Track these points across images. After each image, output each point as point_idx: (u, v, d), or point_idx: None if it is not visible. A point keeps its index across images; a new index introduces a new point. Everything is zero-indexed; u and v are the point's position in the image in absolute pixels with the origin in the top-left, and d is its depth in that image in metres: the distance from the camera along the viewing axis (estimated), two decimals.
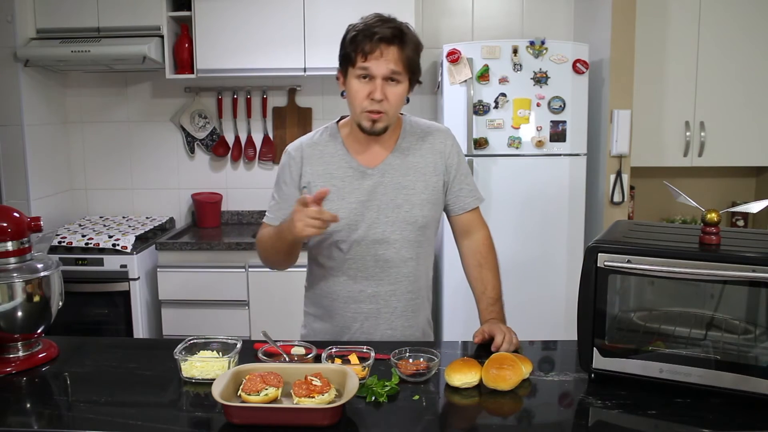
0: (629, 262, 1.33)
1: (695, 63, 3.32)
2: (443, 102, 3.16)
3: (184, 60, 3.36)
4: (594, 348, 1.38)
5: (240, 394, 1.26)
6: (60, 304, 1.59)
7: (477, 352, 1.58)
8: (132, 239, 3.17)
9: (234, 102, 3.69)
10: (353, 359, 1.44)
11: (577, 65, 3.11)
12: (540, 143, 3.14)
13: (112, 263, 3.13)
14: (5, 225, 1.49)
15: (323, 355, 1.45)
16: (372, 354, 1.43)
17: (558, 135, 3.14)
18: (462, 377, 1.36)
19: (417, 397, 1.33)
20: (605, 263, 1.35)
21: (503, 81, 3.11)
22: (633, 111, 3.19)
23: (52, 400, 1.36)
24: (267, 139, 3.71)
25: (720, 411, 1.25)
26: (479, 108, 3.13)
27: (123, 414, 1.27)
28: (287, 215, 1.64)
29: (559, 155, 3.16)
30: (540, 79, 3.11)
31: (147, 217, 3.67)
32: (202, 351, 1.47)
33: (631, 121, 3.17)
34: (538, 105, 3.13)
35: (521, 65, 3.11)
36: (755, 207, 1.39)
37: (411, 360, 1.47)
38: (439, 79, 3.26)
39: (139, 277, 3.17)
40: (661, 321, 1.41)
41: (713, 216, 1.33)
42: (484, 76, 3.11)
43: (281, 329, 1.88)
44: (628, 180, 3.24)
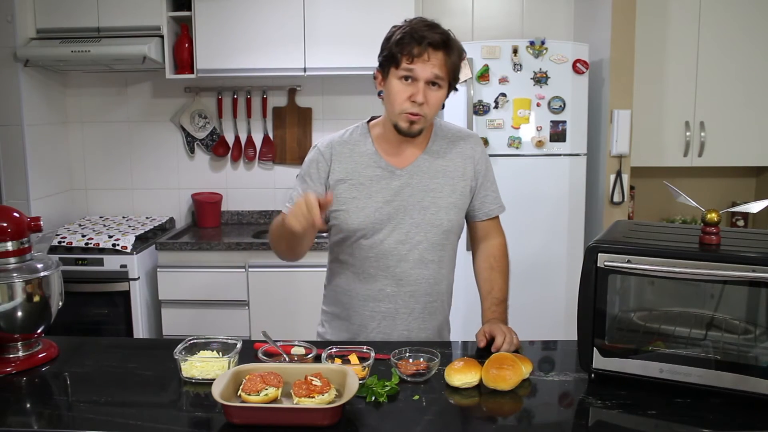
0: (629, 262, 1.33)
1: (695, 63, 3.32)
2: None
3: (184, 60, 3.36)
4: (594, 348, 1.38)
5: (240, 394, 1.26)
6: (60, 304, 1.59)
7: (477, 352, 1.58)
8: (132, 239, 3.17)
9: (234, 102, 3.69)
10: (353, 359, 1.44)
11: (577, 65, 3.11)
12: (540, 143, 3.14)
13: (112, 263, 3.13)
14: (5, 225, 1.49)
15: (323, 355, 1.45)
16: (372, 354, 1.43)
17: (558, 135, 3.14)
18: (462, 377, 1.36)
19: (417, 397, 1.33)
20: (605, 263, 1.35)
21: (503, 81, 3.11)
22: (633, 111, 3.19)
23: (52, 400, 1.36)
24: (267, 139, 3.71)
25: (720, 411, 1.25)
26: (479, 108, 3.13)
27: (123, 414, 1.27)
28: None
29: (559, 155, 3.16)
30: (540, 79, 3.11)
31: (147, 217, 3.67)
32: (202, 351, 1.47)
33: (631, 121, 3.17)
34: (538, 105, 3.13)
35: (521, 65, 3.11)
36: (755, 207, 1.39)
37: (411, 360, 1.47)
38: None
39: (139, 277, 3.17)
40: (661, 321, 1.41)
41: (713, 216, 1.33)
42: (484, 76, 3.11)
43: (281, 329, 1.89)
44: (628, 180, 3.24)
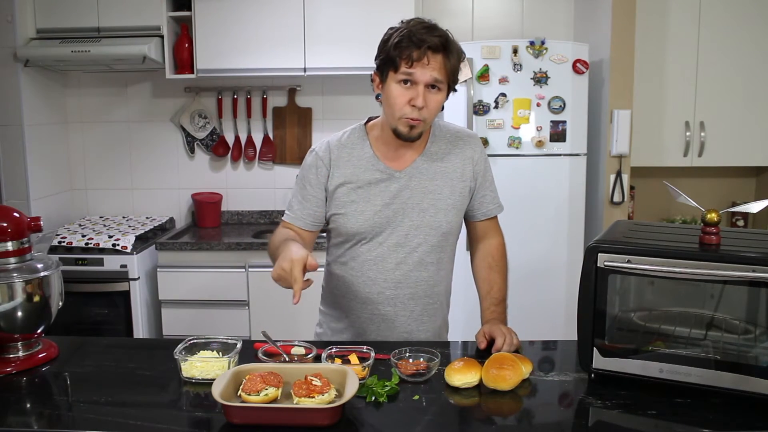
0: (629, 262, 1.33)
1: (695, 63, 3.32)
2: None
3: (184, 60, 3.36)
4: (594, 348, 1.38)
5: (240, 394, 1.26)
6: (60, 304, 1.59)
7: (477, 352, 1.58)
8: (132, 239, 3.17)
9: (234, 102, 3.69)
10: (353, 359, 1.44)
11: (577, 65, 3.11)
12: (540, 143, 3.14)
13: (112, 263, 3.13)
14: (5, 225, 1.49)
15: (323, 355, 1.45)
16: (372, 354, 1.43)
17: (558, 135, 3.14)
18: (462, 377, 1.36)
19: (417, 397, 1.33)
20: (605, 263, 1.35)
21: (503, 81, 3.11)
22: (633, 111, 3.19)
23: (52, 400, 1.36)
24: (267, 139, 3.71)
25: (720, 411, 1.25)
26: (479, 108, 3.13)
27: (123, 414, 1.27)
28: (310, 215, 1.67)
29: (559, 155, 3.16)
30: (540, 79, 3.11)
31: (147, 217, 3.67)
32: (202, 351, 1.47)
33: (631, 121, 3.17)
34: (538, 105, 3.13)
35: (521, 65, 3.11)
36: (755, 207, 1.39)
37: (411, 360, 1.47)
38: None
39: (139, 277, 3.17)
40: (661, 321, 1.41)
41: (713, 216, 1.33)
42: (484, 76, 3.11)
43: (281, 329, 1.89)
44: (628, 180, 3.24)
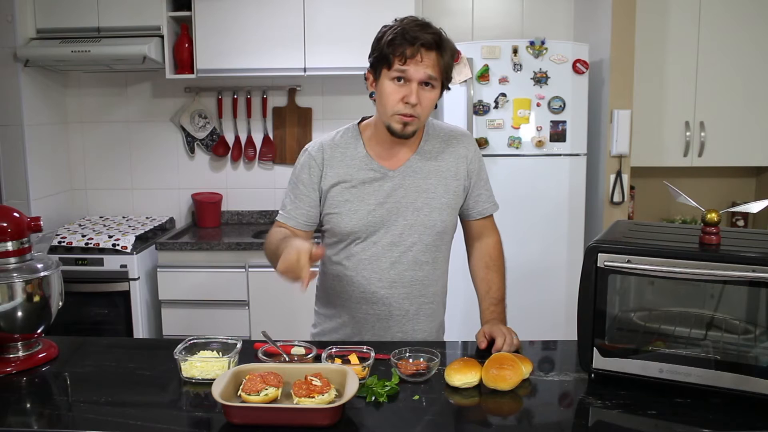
0: (629, 262, 1.33)
1: (695, 63, 3.32)
2: (443, 102, 3.16)
3: (184, 60, 3.36)
4: (594, 348, 1.38)
5: (240, 394, 1.26)
6: (60, 304, 1.59)
7: (477, 352, 1.58)
8: (132, 239, 3.17)
9: (234, 102, 3.69)
10: (353, 359, 1.44)
11: (577, 65, 3.11)
12: (540, 143, 3.14)
13: (112, 263, 3.13)
14: (5, 225, 1.49)
15: (323, 355, 1.45)
16: (372, 354, 1.43)
17: (558, 135, 3.14)
18: (462, 377, 1.36)
19: (417, 397, 1.33)
20: (605, 263, 1.35)
21: (503, 81, 3.11)
22: (633, 111, 3.19)
23: (52, 400, 1.36)
24: (267, 139, 3.71)
25: (720, 411, 1.25)
26: (479, 108, 3.13)
27: (123, 414, 1.27)
28: (303, 214, 1.67)
29: (559, 155, 3.16)
30: (540, 79, 3.11)
31: (147, 217, 3.67)
32: (202, 351, 1.47)
33: (631, 121, 3.17)
34: (538, 105, 3.13)
35: (521, 65, 3.11)
36: (755, 207, 1.39)
37: (411, 360, 1.47)
38: None
39: (139, 277, 3.17)
40: (661, 321, 1.41)
41: (713, 216, 1.33)
42: (484, 76, 3.11)
43: (281, 329, 1.88)
44: (628, 180, 3.24)
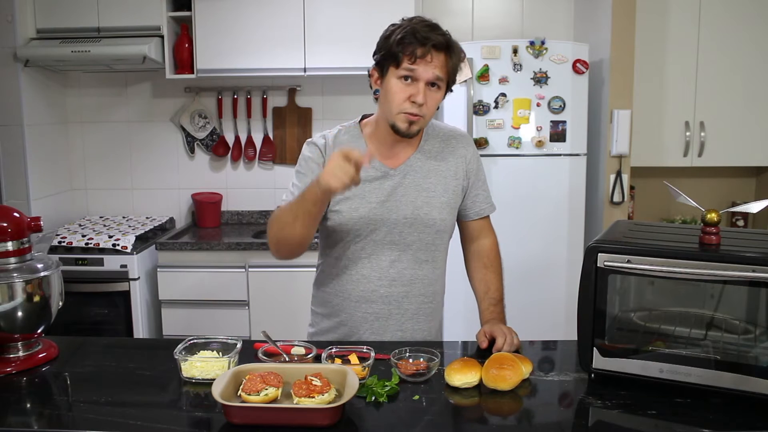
0: (629, 262, 1.33)
1: (695, 63, 3.32)
2: (443, 102, 3.14)
3: (184, 60, 3.36)
4: (594, 348, 1.38)
5: (240, 394, 1.26)
6: (60, 304, 1.59)
7: (477, 352, 1.58)
8: (132, 239, 3.17)
9: (234, 102, 3.69)
10: (353, 359, 1.44)
11: (577, 65, 3.11)
12: (540, 143, 3.14)
13: (112, 263, 3.13)
14: (5, 225, 1.49)
15: (323, 355, 1.45)
16: (372, 354, 1.43)
17: (558, 135, 3.14)
18: (462, 377, 1.36)
19: (417, 397, 1.33)
20: (605, 263, 1.35)
21: (503, 81, 3.11)
22: (633, 111, 3.19)
23: (52, 400, 1.36)
24: (267, 139, 3.71)
25: (720, 411, 1.25)
26: (479, 108, 3.13)
27: (123, 414, 1.27)
28: None
29: (559, 155, 3.16)
30: (540, 79, 3.11)
31: (147, 217, 3.67)
32: (202, 351, 1.47)
33: (631, 121, 3.17)
34: (538, 105, 3.13)
35: (521, 65, 3.11)
36: (755, 207, 1.39)
37: (411, 360, 1.47)
38: None
39: (139, 277, 3.17)
40: (661, 321, 1.41)
41: (713, 216, 1.33)
42: (484, 76, 3.11)
43: (281, 329, 1.88)
44: (628, 180, 3.24)
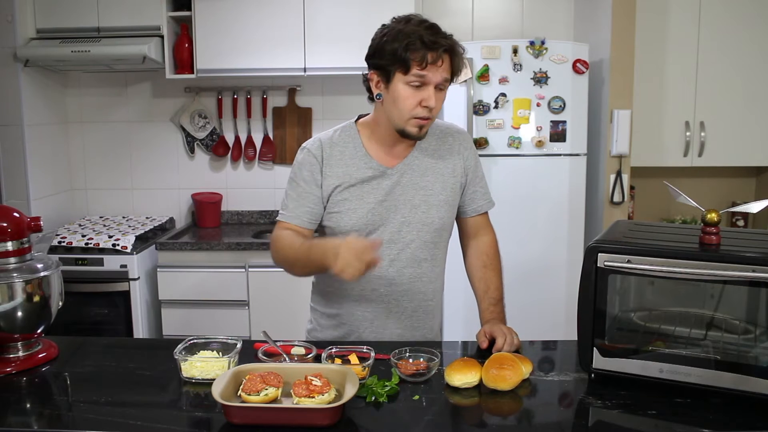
0: (629, 262, 1.33)
1: (695, 63, 3.32)
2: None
3: (184, 60, 3.36)
4: (594, 348, 1.38)
5: (240, 394, 1.26)
6: (60, 304, 1.59)
7: (477, 351, 1.58)
8: (132, 239, 3.17)
9: (234, 102, 3.69)
10: (353, 359, 1.44)
11: (577, 65, 3.11)
12: (540, 143, 3.14)
13: (112, 263, 3.13)
14: (5, 225, 1.49)
15: (323, 355, 1.45)
16: (372, 354, 1.43)
17: (558, 135, 3.14)
18: (462, 377, 1.36)
19: (417, 397, 1.33)
20: (605, 263, 1.35)
21: (503, 81, 3.11)
22: (633, 111, 3.19)
23: (52, 400, 1.36)
24: (267, 139, 3.71)
25: (720, 411, 1.25)
26: (479, 108, 3.13)
27: (123, 414, 1.27)
28: (307, 212, 1.64)
29: (559, 155, 3.16)
30: (540, 79, 3.11)
31: (147, 217, 3.67)
32: (202, 351, 1.47)
33: (631, 121, 3.17)
34: (538, 105, 3.13)
35: (521, 65, 3.11)
36: (755, 207, 1.39)
37: (411, 360, 1.47)
38: None
39: (139, 277, 3.17)
40: (661, 321, 1.41)
41: (713, 216, 1.33)
42: (484, 76, 3.11)
43: (281, 329, 1.88)
44: (628, 180, 3.24)
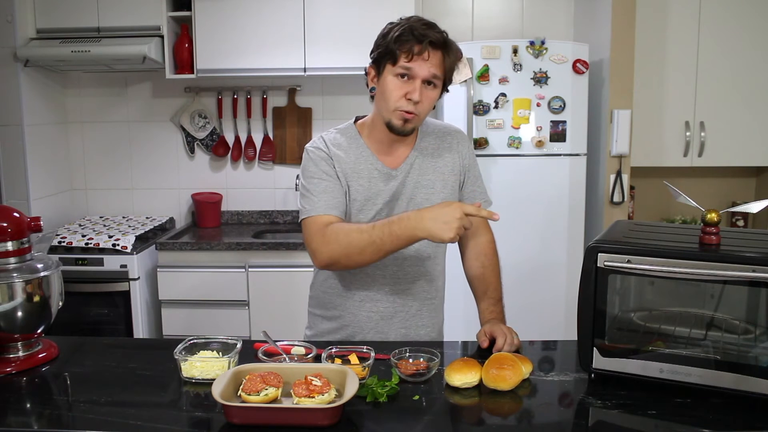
0: (629, 262, 1.33)
1: (695, 63, 3.32)
2: (443, 102, 3.16)
3: (184, 60, 3.36)
4: (594, 348, 1.38)
5: (240, 394, 1.26)
6: (60, 304, 1.59)
7: (477, 351, 1.58)
8: (132, 239, 3.17)
9: (234, 102, 3.69)
10: (353, 359, 1.44)
11: (577, 65, 3.11)
12: (540, 143, 3.14)
13: (112, 263, 3.13)
14: (5, 225, 1.49)
15: (323, 355, 1.45)
16: (372, 354, 1.43)
17: (558, 135, 3.14)
18: (462, 377, 1.36)
19: (417, 397, 1.33)
20: (605, 263, 1.35)
21: (503, 81, 3.11)
22: (633, 111, 3.19)
23: (52, 400, 1.36)
24: (267, 139, 3.71)
25: (720, 411, 1.25)
26: (479, 108, 3.13)
27: (123, 414, 1.27)
28: (341, 203, 1.61)
29: (559, 155, 3.16)
30: (540, 79, 3.11)
31: (147, 217, 3.67)
32: (202, 351, 1.47)
33: (631, 121, 3.18)
34: (538, 105, 3.13)
35: (521, 65, 3.11)
36: (755, 207, 1.39)
37: (411, 360, 1.47)
38: None
39: (139, 277, 3.17)
40: (661, 321, 1.41)
41: (713, 216, 1.33)
42: (484, 76, 3.11)
43: (281, 329, 1.88)
44: (628, 180, 3.24)
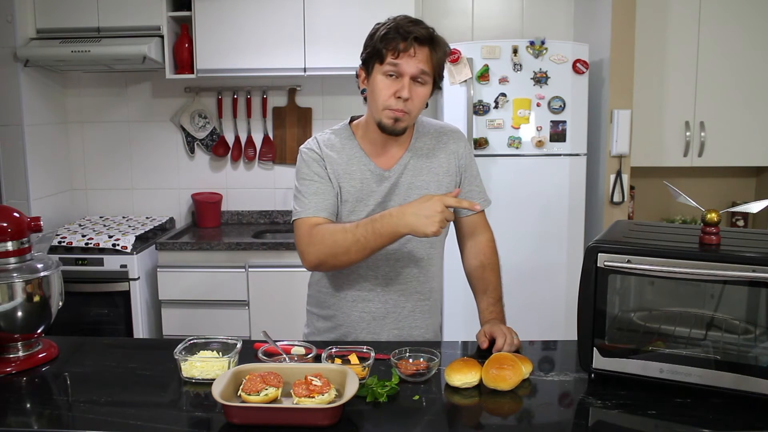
0: (629, 262, 1.33)
1: (695, 63, 3.32)
2: (443, 102, 3.16)
3: (184, 60, 3.36)
4: (594, 348, 1.38)
5: (240, 394, 1.26)
6: (60, 304, 1.59)
7: (477, 351, 1.58)
8: (132, 239, 3.17)
9: (234, 102, 3.69)
10: (353, 359, 1.44)
11: (577, 65, 3.11)
12: (540, 143, 3.14)
13: (112, 263, 3.13)
14: (5, 225, 1.49)
15: (323, 355, 1.45)
16: (372, 354, 1.43)
17: (558, 135, 3.14)
18: (462, 377, 1.36)
19: (417, 397, 1.33)
20: (605, 263, 1.35)
21: (503, 81, 3.11)
22: (633, 111, 3.19)
23: (52, 400, 1.36)
24: (267, 139, 3.71)
25: (720, 411, 1.25)
26: (479, 108, 3.13)
27: (123, 414, 1.27)
28: (331, 204, 1.61)
29: (559, 155, 3.16)
30: (540, 79, 3.11)
31: (147, 217, 3.67)
32: (202, 351, 1.47)
33: (631, 121, 3.17)
34: (538, 105, 3.13)
35: (521, 65, 3.11)
36: (755, 207, 1.39)
37: (411, 360, 1.47)
38: None
39: (139, 277, 3.17)
40: (661, 321, 1.41)
41: (713, 216, 1.33)
42: (484, 76, 3.11)
43: (281, 329, 1.88)
44: (628, 180, 3.24)
